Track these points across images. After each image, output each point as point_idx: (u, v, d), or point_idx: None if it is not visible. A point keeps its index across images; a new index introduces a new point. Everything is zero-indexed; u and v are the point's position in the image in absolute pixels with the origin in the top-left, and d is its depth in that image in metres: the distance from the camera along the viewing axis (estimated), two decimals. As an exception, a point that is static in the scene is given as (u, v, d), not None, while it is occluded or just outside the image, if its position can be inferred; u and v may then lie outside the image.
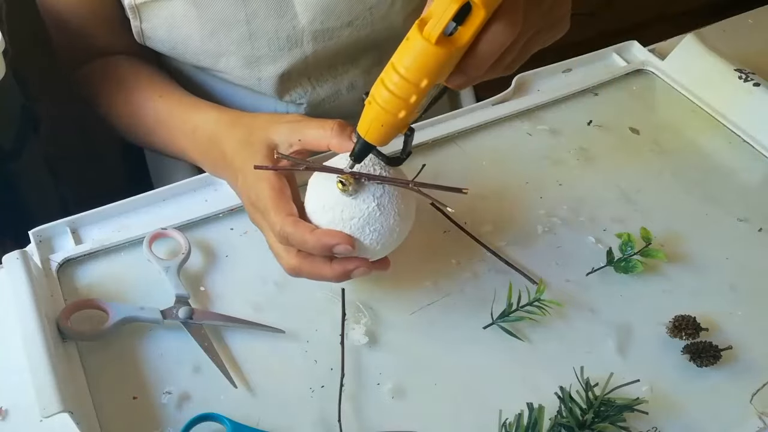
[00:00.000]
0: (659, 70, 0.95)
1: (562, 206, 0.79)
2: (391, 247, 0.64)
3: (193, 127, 0.76)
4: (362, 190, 0.61)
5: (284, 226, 0.62)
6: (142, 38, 0.81)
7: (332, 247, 0.61)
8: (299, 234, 0.61)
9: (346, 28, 0.82)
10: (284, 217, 0.62)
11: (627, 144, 0.88)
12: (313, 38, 0.82)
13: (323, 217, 0.62)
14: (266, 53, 0.81)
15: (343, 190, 0.61)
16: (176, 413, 0.62)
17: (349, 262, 0.63)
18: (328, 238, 0.61)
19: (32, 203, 0.90)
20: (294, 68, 0.84)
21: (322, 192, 0.63)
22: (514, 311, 0.68)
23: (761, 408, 0.65)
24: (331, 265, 0.62)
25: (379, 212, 0.62)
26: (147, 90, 0.82)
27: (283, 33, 0.80)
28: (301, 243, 0.61)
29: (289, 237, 0.62)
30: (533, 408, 0.61)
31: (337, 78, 0.89)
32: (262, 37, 0.80)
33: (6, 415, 0.61)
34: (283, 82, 0.85)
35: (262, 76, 0.84)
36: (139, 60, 0.86)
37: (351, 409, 0.63)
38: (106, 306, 0.66)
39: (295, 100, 0.88)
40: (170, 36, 0.80)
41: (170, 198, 0.76)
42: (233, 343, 0.67)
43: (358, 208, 0.61)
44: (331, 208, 0.62)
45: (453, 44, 0.54)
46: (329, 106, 0.90)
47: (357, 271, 0.63)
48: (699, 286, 0.74)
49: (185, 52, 0.82)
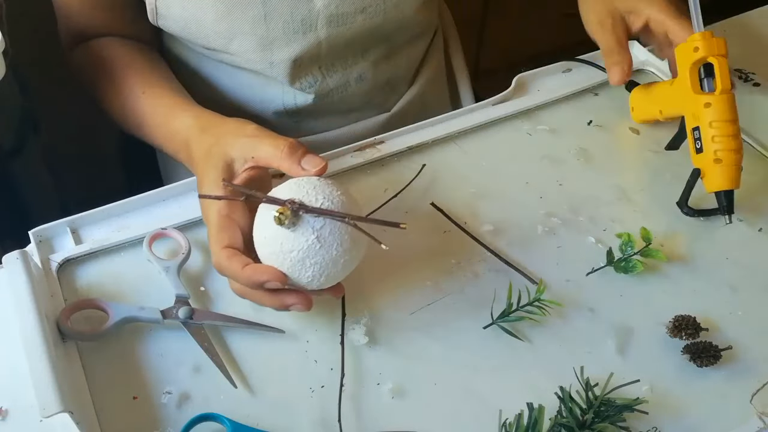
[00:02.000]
0: (659, 70, 0.95)
1: (562, 206, 0.79)
2: (338, 278, 0.63)
3: (171, 130, 0.76)
4: (300, 223, 0.60)
5: (219, 258, 0.62)
6: (156, 16, 0.81)
7: (262, 284, 0.61)
8: (232, 268, 0.61)
9: (360, 14, 0.83)
10: (220, 249, 0.62)
11: (627, 144, 0.88)
12: (327, 22, 0.82)
13: (265, 249, 0.61)
14: (280, 35, 0.81)
15: (277, 223, 0.59)
16: (176, 413, 0.62)
17: (287, 296, 0.62)
18: (258, 275, 0.60)
19: (32, 203, 0.90)
20: (306, 54, 0.84)
21: (265, 223, 0.61)
22: (514, 311, 0.68)
23: (761, 408, 0.65)
24: (270, 296, 0.62)
25: (319, 245, 0.60)
26: (135, 83, 0.81)
27: (299, 15, 0.80)
28: (234, 277, 0.62)
29: (223, 270, 0.63)
30: (533, 408, 0.61)
31: (347, 69, 0.89)
32: (278, 18, 0.80)
33: (6, 415, 0.61)
34: (295, 68, 0.85)
35: (274, 60, 0.84)
36: (133, 46, 0.85)
37: (351, 409, 0.63)
38: (106, 306, 0.66)
39: (305, 88, 0.88)
40: (184, 14, 0.80)
41: (170, 198, 0.76)
42: (233, 343, 0.67)
43: (297, 241, 0.60)
44: (272, 239, 0.61)
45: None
46: (337, 97, 0.90)
47: (294, 307, 0.62)
48: (699, 286, 0.74)
49: (197, 33, 0.81)
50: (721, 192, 0.75)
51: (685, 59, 0.76)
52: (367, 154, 0.81)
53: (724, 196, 0.75)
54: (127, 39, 0.86)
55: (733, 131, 0.74)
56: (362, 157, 0.81)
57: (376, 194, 0.73)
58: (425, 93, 1.00)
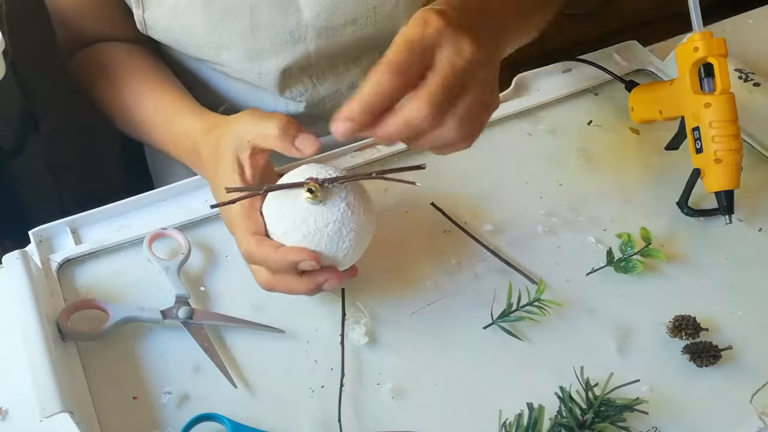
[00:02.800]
0: (659, 70, 0.95)
1: (562, 206, 0.79)
2: (366, 244, 0.64)
3: (175, 132, 0.76)
4: (328, 196, 0.61)
5: (249, 245, 0.61)
6: (144, 28, 0.81)
7: (297, 264, 0.60)
8: (263, 253, 0.61)
9: (350, 26, 0.82)
10: (249, 236, 0.62)
11: (627, 144, 0.88)
12: (316, 35, 0.82)
13: (296, 235, 0.61)
14: (268, 47, 0.81)
15: (312, 199, 0.60)
16: (176, 413, 0.62)
17: (319, 275, 0.62)
18: (293, 254, 0.60)
19: (32, 203, 0.90)
20: (296, 64, 0.84)
21: (287, 211, 0.61)
22: (514, 311, 0.68)
23: (761, 408, 0.65)
24: (301, 279, 0.62)
25: (351, 211, 0.61)
26: (137, 85, 0.81)
27: (287, 27, 0.80)
28: (266, 261, 0.61)
29: (253, 256, 0.62)
30: (533, 408, 0.61)
31: (339, 77, 0.89)
32: (266, 30, 0.80)
33: (6, 415, 0.61)
34: (285, 78, 0.85)
35: (263, 71, 0.83)
36: (133, 49, 0.85)
37: (351, 409, 0.63)
38: (106, 306, 0.66)
39: (295, 97, 0.87)
40: (173, 26, 0.80)
41: (170, 198, 0.76)
42: (233, 343, 0.67)
43: (330, 213, 0.60)
44: (303, 221, 0.60)
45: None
46: (329, 105, 0.90)
47: (327, 284, 0.62)
48: (699, 286, 0.74)
49: (187, 44, 0.81)
50: (721, 192, 0.75)
51: (685, 59, 0.76)
52: (366, 154, 0.81)
53: (724, 196, 0.75)
54: (125, 42, 0.86)
55: (733, 131, 0.74)
56: (362, 157, 0.81)
57: (375, 194, 0.74)
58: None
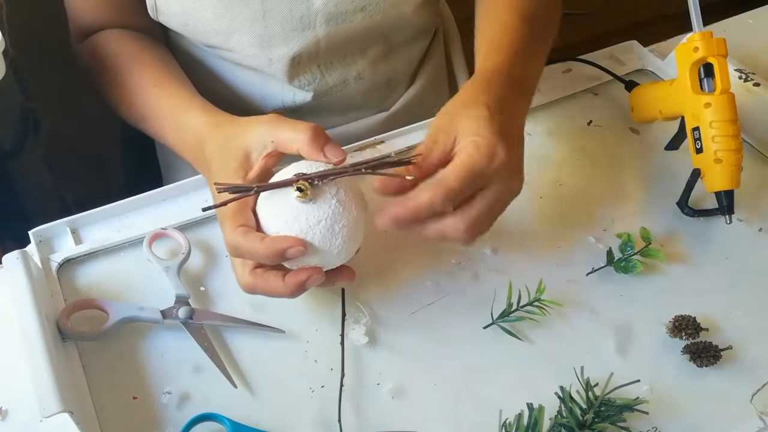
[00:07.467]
0: (659, 70, 0.94)
1: (562, 206, 0.79)
2: (360, 240, 0.64)
3: (180, 126, 0.75)
4: (318, 193, 0.61)
5: (235, 236, 0.61)
6: (156, 12, 0.81)
7: (285, 251, 0.59)
8: (249, 244, 0.60)
9: (359, 12, 0.83)
10: (235, 227, 0.61)
11: (627, 144, 0.88)
12: (326, 20, 0.82)
13: (288, 233, 0.61)
14: (279, 33, 0.81)
15: (302, 197, 0.60)
16: (176, 413, 0.62)
17: (301, 272, 0.61)
18: (279, 243, 0.59)
19: (32, 203, 0.90)
20: (305, 51, 0.84)
21: (279, 210, 0.61)
22: (514, 311, 0.68)
23: (761, 408, 0.65)
24: (284, 279, 0.61)
25: (342, 207, 0.61)
26: (143, 76, 0.81)
27: (297, 13, 0.80)
28: (252, 253, 0.60)
29: (239, 247, 0.61)
30: (533, 408, 0.61)
31: (346, 67, 0.89)
32: (276, 15, 0.80)
33: (6, 415, 0.61)
34: (294, 65, 0.85)
35: (273, 57, 0.84)
36: (141, 39, 0.85)
37: (351, 409, 0.63)
38: (106, 306, 0.66)
39: (303, 86, 0.88)
40: (184, 10, 0.80)
41: (170, 198, 0.76)
42: (233, 343, 0.67)
43: (321, 210, 0.60)
44: (294, 220, 0.60)
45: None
46: (337, 95, 0.90)
47: (310, 280, 0.61)
48: (699, 286, 0.74)
49: (196, 29, 0.82)
50: (721, 192, 0.75)
51: (684, 59, 0.76)
52: (366, 154, 0.81)
53: (724, 196, 0.75)
54: (134, 32, 0.85)
55: (733, 131, 0.74)
56: (362, 157, 0.81)
57: (375, 195, 0.73)
58: (425, 93, 1.00)
